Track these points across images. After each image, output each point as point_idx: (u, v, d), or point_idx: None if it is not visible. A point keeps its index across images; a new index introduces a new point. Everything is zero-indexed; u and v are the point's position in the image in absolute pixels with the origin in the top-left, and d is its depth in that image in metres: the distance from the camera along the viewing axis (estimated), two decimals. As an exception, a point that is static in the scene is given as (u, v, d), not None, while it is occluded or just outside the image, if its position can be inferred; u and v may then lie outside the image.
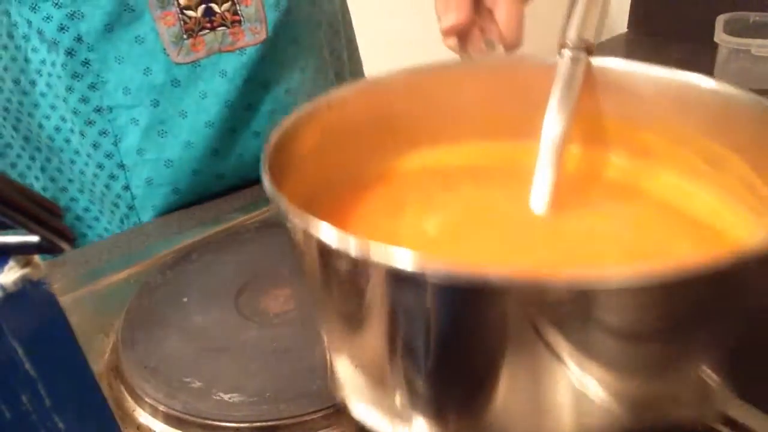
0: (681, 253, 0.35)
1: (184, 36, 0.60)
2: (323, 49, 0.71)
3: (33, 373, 0.18)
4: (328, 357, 0.33)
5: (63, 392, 0.19)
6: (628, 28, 1.05)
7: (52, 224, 0.18)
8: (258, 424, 0.37)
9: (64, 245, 0.18)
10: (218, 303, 0.45)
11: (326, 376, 0.35)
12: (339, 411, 0.37)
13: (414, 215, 0.38)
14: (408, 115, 0.41)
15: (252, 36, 0.63)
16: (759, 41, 0.80)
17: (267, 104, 0.66)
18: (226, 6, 0.61)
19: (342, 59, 0.78)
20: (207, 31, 0.61)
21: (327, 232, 0.25)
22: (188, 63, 0.61)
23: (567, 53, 0.39)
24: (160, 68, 0.60)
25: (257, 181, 0.70)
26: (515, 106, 0.42)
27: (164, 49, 0.60)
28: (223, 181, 0.66)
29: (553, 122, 0.37)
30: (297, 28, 0.66)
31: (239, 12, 0.62)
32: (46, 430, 0.19)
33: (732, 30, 0.83)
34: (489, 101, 0.42)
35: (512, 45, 0.48)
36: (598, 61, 0.39)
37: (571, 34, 0.39)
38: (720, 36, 0.81)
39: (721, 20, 0.83)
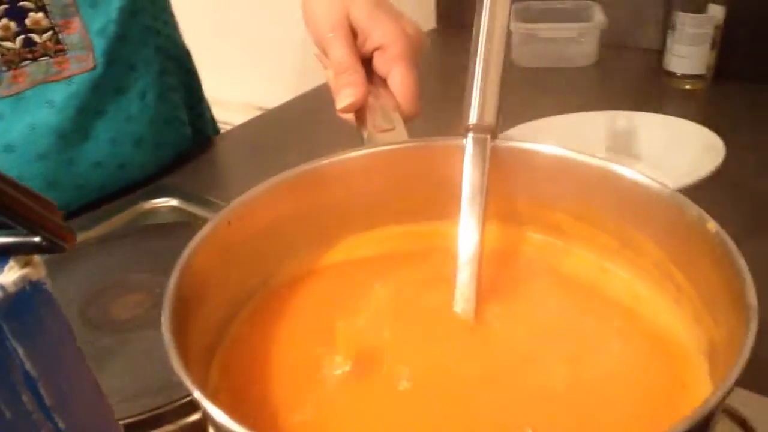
0: (611, 352, 0.34)
1: (4, 68, 0.58)
2: (164, 74, 0.70)
3: (33, 373, 0.18)
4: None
5: (63, 392, 0.19)
6: (437, 24, 1.14)
7: (52, 224, 0.18)
8: (125, 421, 0.39)
9: (64, 245, 0.18)
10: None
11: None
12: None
13: (330, 335, 0.36)
14: (316, 210, 0.40)
15: (78, 64, 0.61)
16: (544, 25, 0.92)
17: (106, 133, 0.65)
18: (47, 36, 0.60)
19: (190, 85, 0.77)
20: (29, 61, 0.59)
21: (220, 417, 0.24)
22: (11, 96, 0.59)
23: (471, 136, 0.38)
24: None
25: (99, 206, 0.67)
26: (425, 188, 0.41)
27: None
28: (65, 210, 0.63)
29: (468, 217, 0.37)
30: (132, 53, 0.65)
31: (62, 41, 0.60)
32: (46, 430, 0.18)
33: (522, 17, 0.95)
34: (398, 186, 0.41)
35: (410, 113, 0.47)
36: (507, 143, 0.39)
37: (473, 118, 0.39)
38: (512, 23, 0.93)
39: (512, 8, 0.96)
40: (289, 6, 1.36)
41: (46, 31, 0.59)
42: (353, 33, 0.49)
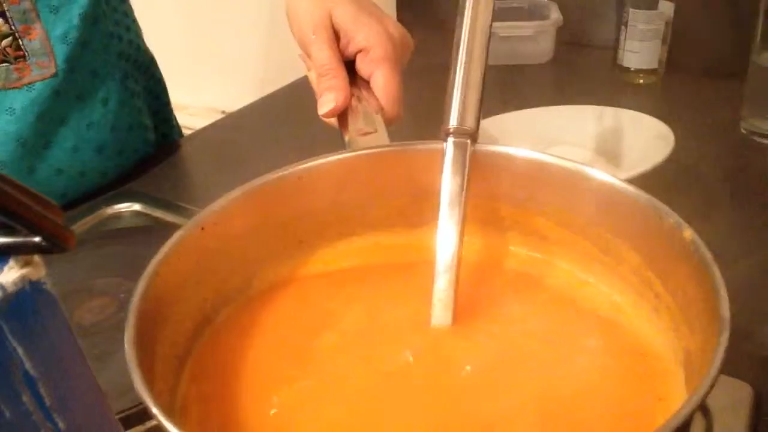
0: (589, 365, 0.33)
1: None
2: (127, 80, 0.70)
3: (33, 373, 0.18)
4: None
5: (63, 392, 0.19)
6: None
7: (52, 224, 0.18)
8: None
9: (64, 245, 0.19)
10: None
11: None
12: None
13: (303, 345, 0.35)
14: (293, 216, 0.39)
15: (40, 70, 0.61)
16: (501, 24, 0.94)
17: (68, 140, 0.64)
18: (6, 41, 0.59)
19: (155, 90, 0.77)
20: None
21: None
22: None
23: (451, 140, 0.38)
24: None
25: (65, 210, 0.67)
26: (404, 195, 0.40)
27: None
28: None
29: (447, 223, 0.36)
30: (94, 60, 0.65)
31: (23, 47, 0.59)
32: (46, 430, 0.19)
33: None
34: (377, 191, 0.40)
35: (392, 116, 0.46)
36: (487, 147, 0.39)
37: (453, 122, 0.38)
38: None
39: None
40: (251, 10, 1.36)
41: (5, 37, 0.59)
42: (336, 35, 0.48)
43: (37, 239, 0.18)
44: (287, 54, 0.54)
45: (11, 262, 0.18)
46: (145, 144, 0.74)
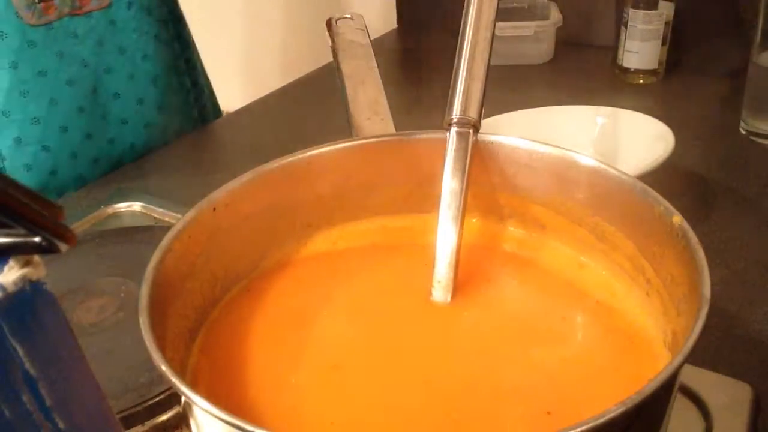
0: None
1: (37, 0, 0.65)
2: (170, 23, 0.79)
3: (33, 373, 0.18)
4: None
5: (63, 392, 0.19)
6: (397, 24, 1.14)
7: (52, 224, 0.18)
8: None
9: (64, 245, 0.19)
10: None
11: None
12: (165, 399, 0.41)
13: (312, 323, 0.36)
14: (302, 200, 0.40)
15: (97, 1, 0.69)
16: (501, 24, 0.95)
17: (125, 68, 0.73)
18: None
19: (191, 46, 0.85)
20: None
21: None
22: (42, 25, 0.66)
23: (454, 130, 0.38)
24: (14, 31, 0.64)
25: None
26: (409, 182, 0.42)
27: (17, 13, 0.64)
28: (92, 141, 0.73)
29: (448, 209, 0.37)
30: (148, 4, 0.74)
31: None
32: (46, 430, 0.19)
33: None
34: (383, 179, 0.41)
35: None
36: (489, 137, 0.40)
37: (456, 112, 0.39)
38: None
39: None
40: (251, 9, 1.36)
41: None
42: None
43: (37, 239, 0.18)
44: (288, 54, 0.54)
45: (11, 262, 0.18)
46: (186, 114, 0.83)
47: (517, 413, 0.31)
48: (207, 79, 0.89)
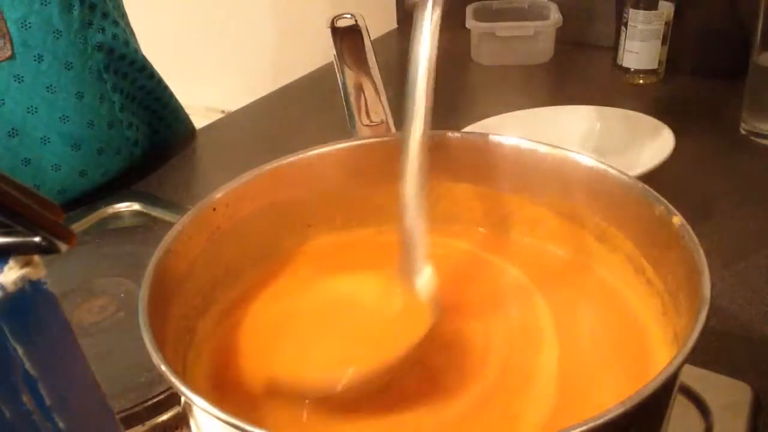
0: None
1: None
2: (107, 74, 0.70)
3: (33, 373, 0.18)
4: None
5: (63, 392, 0.19)
6: (397, 24, 1.16)
7: (52, 224, 0.18)
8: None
9: (64, 245, 0.19)
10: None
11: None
12: (165, 399, 0.41)
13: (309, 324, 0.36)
14: (303, 201, 0.40)
15: None
16: (501, 24, 0.94)
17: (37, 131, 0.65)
18: None
19: (146, 87, 0.76)
20: None
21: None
22: None
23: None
24: None
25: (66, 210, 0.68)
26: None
27: None
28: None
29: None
30: (65, 50, 0.65)
31: None
32: (46, 430, 0.19)
33: (480, 17, 0.97)
34: (382, 178, 0.39)
35: None
36: (489, 137, 0.40)
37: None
38: (470, 22, 0.94)
39: (470, 9, 0.98)
40: (251, 9, 1.36)
41: None
42: None
43: (37, 239, 0.18)
44: (288, 54, 0.54)
45: (11, 262, 0.18)
46: (127, 143, 0.73)
47: (516, 413, 0.31)
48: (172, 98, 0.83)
